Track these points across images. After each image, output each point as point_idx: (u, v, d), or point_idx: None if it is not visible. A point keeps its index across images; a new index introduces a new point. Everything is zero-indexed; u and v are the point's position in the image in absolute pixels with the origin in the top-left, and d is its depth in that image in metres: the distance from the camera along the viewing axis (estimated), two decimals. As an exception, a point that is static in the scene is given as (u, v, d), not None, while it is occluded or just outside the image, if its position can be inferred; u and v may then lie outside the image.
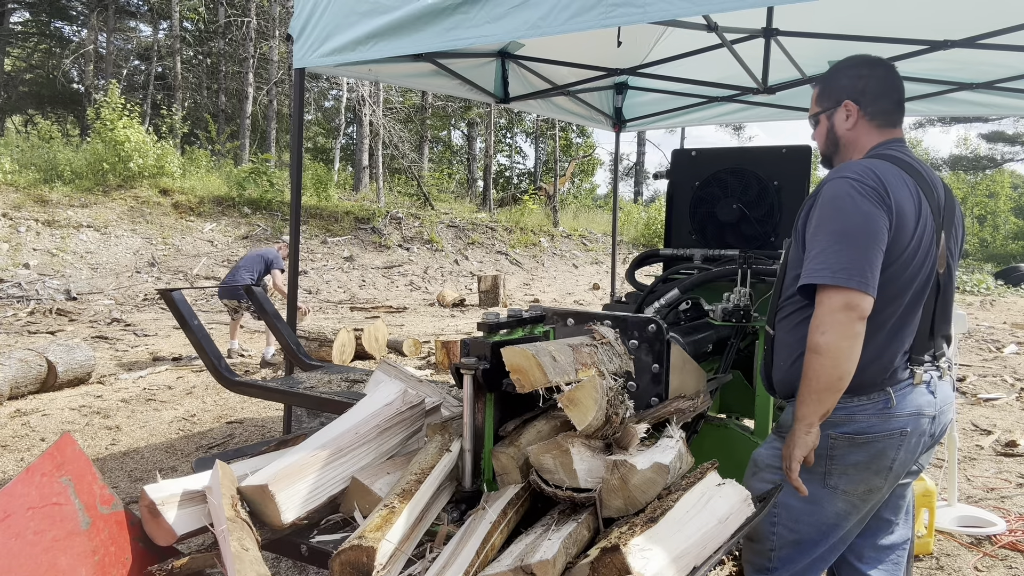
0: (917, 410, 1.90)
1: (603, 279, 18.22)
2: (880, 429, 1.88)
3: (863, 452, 1.89)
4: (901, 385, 1.90)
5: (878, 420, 1.88)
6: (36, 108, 25.33)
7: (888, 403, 1.88)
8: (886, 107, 2.04)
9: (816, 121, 2.15)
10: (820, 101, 2.11)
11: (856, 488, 1.93)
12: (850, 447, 1.90)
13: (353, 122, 24.65)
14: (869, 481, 1.92)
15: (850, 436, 1.89)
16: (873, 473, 1.91)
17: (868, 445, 1.89)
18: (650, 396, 2.11)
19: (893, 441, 1.89)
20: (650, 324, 2.09)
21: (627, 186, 37.16)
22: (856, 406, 1.89)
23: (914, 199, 1.87)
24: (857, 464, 1.90)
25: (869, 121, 2.04)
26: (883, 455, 1.89)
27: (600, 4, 2.63)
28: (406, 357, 8.05)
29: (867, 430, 1.88)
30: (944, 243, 1.96)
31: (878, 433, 1.88)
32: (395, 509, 1.75)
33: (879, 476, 1.92)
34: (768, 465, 2.02)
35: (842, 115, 2.06)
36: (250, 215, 16.55)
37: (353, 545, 1.63)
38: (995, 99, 5.11)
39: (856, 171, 1.86)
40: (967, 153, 41.71)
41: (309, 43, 3.71)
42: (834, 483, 1.92)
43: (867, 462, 1.90)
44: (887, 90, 2.05)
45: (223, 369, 3.23)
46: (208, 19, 24.89)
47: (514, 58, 5.23)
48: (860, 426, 1.89)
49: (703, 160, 3.60)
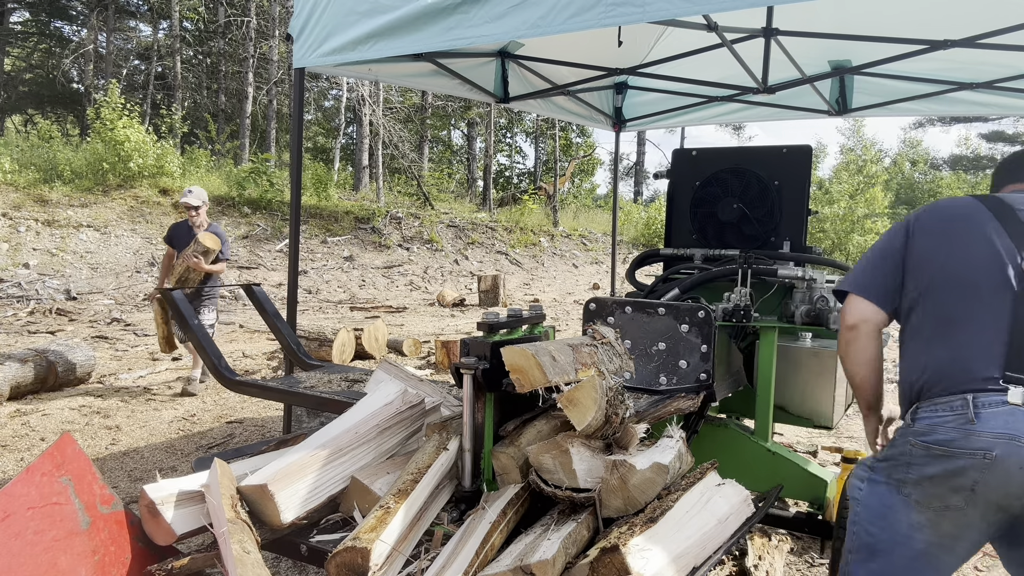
0: (1009, 433, 1.72)
1: (603, 279, 18.21)
2: (961, 445, 1.77)
3: (939, 465, 1.79)
4: (990, 399, 1.77)
5: (959, 435, 1.77)
6: (36, 108, 25.32)
7: (967, 415, 1.77)
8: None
9: None
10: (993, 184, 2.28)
11: (931, 502, 1.82)
12: (927, 457, 1.81)
13: (353, 122, 24.64)
14: (946, 498, 1.80)
15: (928, 446, 1.81)
16: (950, 490, 1.79)
17: (946, 459, 1.78)
18: (699, 373, 2.34)
19: (975, 462, 1.74)
20: (700, 310, 2.34)
21: (627, 186, 37.18)
22: (938, 419, 1.82)
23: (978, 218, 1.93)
24: (933, 477, 1.80)
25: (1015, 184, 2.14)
26: (962, 474, 1.77)
27: (600, 4, 2.63)
28: (406, 357, 8.05)
29: (946, 443, 1.79)
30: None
31: (958, 449, 1.77)
32: (390, 509, 1.75)
33: (958, 495, 1.79)
34: (862, 463, 2.00)
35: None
36: (250, 215, 16.55)
37: (348, 547, 1.63)
38: (995, 99, 5.11)
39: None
40: (967, 153, 41.70)
41: (309, 43, 3.71)
42: (908, 492, 1.84)
43: (944, 477, 1.79)
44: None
45: (223, 368, 3.23)
46: (208, 19, 24.88)
47: (514, 58, 5.23)
48: (939, 438, 1.80)
49: (703, 160, 3.60)
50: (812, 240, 15.51)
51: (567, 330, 10.19)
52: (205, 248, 5.91)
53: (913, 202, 37.86)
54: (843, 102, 5.46)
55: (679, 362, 2.34)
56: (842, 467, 3.48)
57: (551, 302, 14.09)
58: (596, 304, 2.47)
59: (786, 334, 3.06)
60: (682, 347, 2.35)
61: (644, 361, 2.37)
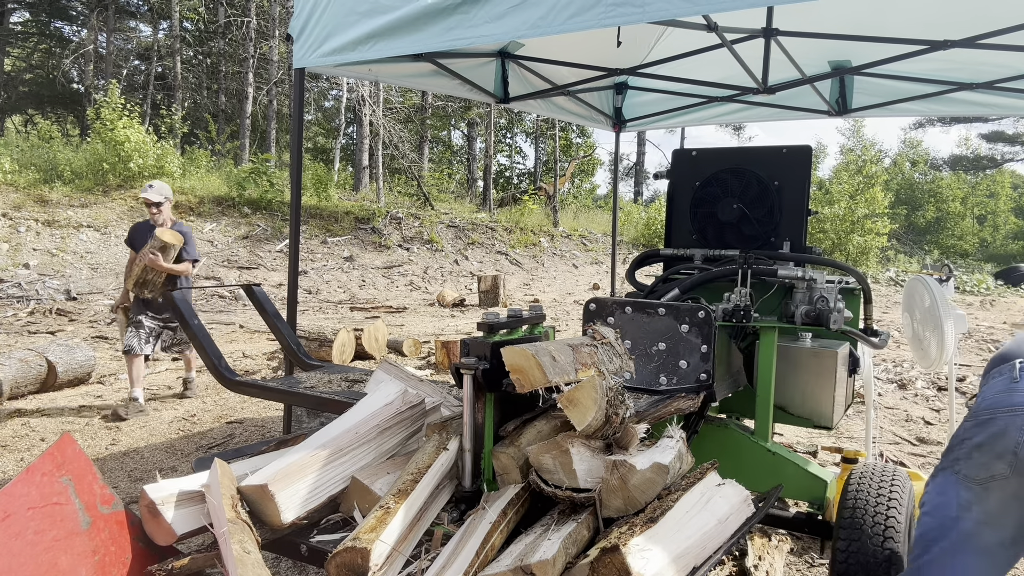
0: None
1: (603, 279, 18.22)
2: (1002, 403, 1.80)
3: (985, 431, 1.81)
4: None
5: (1003, 396, 1.82)
6: (36, 108, 25.32)
7: (1013, 375, 1.82)
8: None
9: None
10: None
11: (977, 473, 1.80)
12: (975, 427, 1.84)
13: (353, 122, 24.65)
14: (991, 466, 1.78)
15: (976, 414, 1.85)
16: (995, 456, 1.78)
17: (990, 423, 1.81)
18: (699, 373, 2.34)
19: (1016, 420, 1.76)
20: (700, 311, 2.35)
21: (627, 186, 37.20)
22: (988, 387, 1.88)
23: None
24: (980, 446, 1.81)
25: None
26: (1004, 435, 1.77)
27: (600, 4, 2.63)
28: (406, 357, 8.05)
29: (990, 407, 1.82)
30: None
31: (999, 408, 1.80)
32: (390, 510, 1.75)
33: (1002, 460, 1.77)
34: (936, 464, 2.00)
35: None
36: (250, 215, 16.55)
37: (348, 547, 1.63)
38: (995, 99, 5.11)
39: None
40: (967, 153, 41.73)
41: (309, 43, 3.71)
42: (959, 468, 1.84)
43: (988, 442, 1.80)
44: None
45: (223, 368, 3.23)
46: (208, 19, 24.89)
47: (514, 58, 5.23)
48: (985, 404, 1.84)
49: (703, 160, 3.60)
50: (812, 240, 15.51)
51: (567, 330, 10.19)
52: (163, 243, 5.27)
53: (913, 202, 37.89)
54: (843, 102, 5.46)
55: (679, 362, 2.34)
56: (842, 467, 3.49)
57: (551, 302, 14.09)
58: (596, 304, 2.47)
59: (786, 334, 3.06)
60: (682, 347, 2.35)
61: (644, 361, 2.37)
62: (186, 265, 5.50)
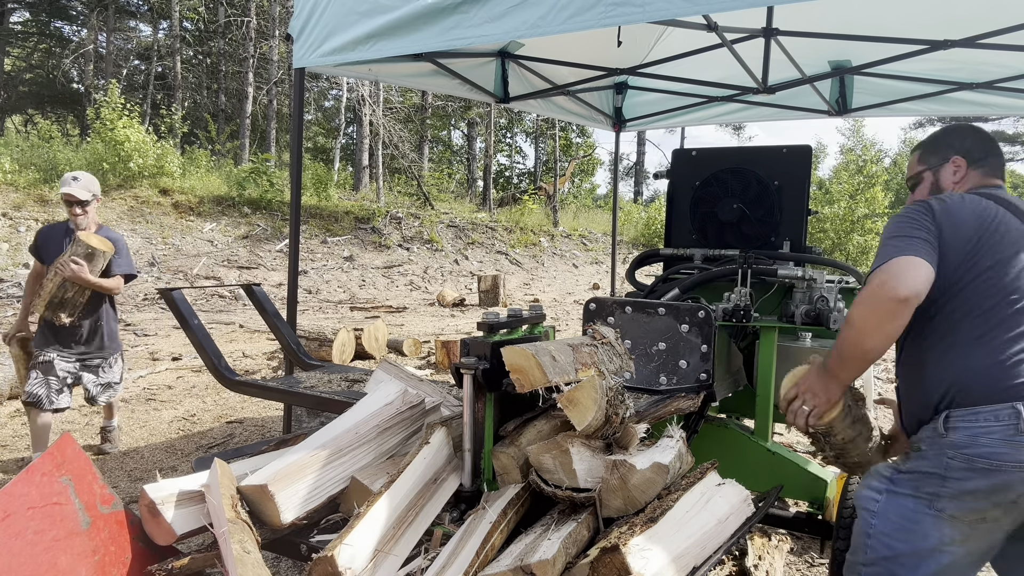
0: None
1: (603, 279, 18.21)
2: (1009, 459, 1.69)
3: (983, 480, 1.71)
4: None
5: (1008, 448, 1.69)
6: (36, 108, 25.32)
7: (1019, 426, 1.69)
8: (991, 161, 2.12)
9: (919, 180, 2.20)
10: (924, 161, 2.19)
11: (968, 516, 1.76)
12: (969, 472, 1.72)
13: (353, 122, 24.65)
14: (985, 512, 1.75)
15: (971, 459, 1.72)
16: (992, 504, 1.73)
17: (991, 473, 1.70)
18: (699, 372, 2.33)
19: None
20: (700, 310, 2.35)
21: (627, 186, 37.20)
22: (981, 428, 1.72)
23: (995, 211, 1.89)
24: (975, 492, 1.73)
25: (975, 171, 2.11)
26: (1008, 488, 1.70)
27: (600, 4, 2.63)
28: (406, 357, 8.04)
29: (992, 456, 1.70)
30: None
31: (1006, 463, 1.69)
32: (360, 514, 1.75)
33: (999, 508, 1.74)
34: (878, 473, 1.91)
35: (950, 170, 2.12)
36: (250, 215, 16.55)
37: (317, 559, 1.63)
38: (995, 99, 5.11)
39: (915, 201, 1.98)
40: (967, 153, 41.68)
41: (309, 43, 3.71)
42: (942, 506, 1.76)
43: (987, 492, 1.72)
44: (990, 147, 2.14)
45: (223, 368, 3.23)
46: (208, 19, 24.88)
47: (514, 58, 5.23)
48: (984, 451, 1.71)
49: (703, 160, 3.60)
50: (812, 240, 15.50)
51: (567, 330, 10.19)
52: (89, 249, 3.97)
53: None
54: (843, 102, 5.46)
55: (679, 362, 2.34)
56: (842, 467, 3.49)
57: (551, 302, 14.08)
58: (596, 304, 2.47)
59: (786, 334, 3.06)
60: (682, 347, 2.35)
61: (644, 361, 2.37)
62: (117, 280, 4.17)
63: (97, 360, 4.33)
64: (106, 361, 4.39)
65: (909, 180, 2.23)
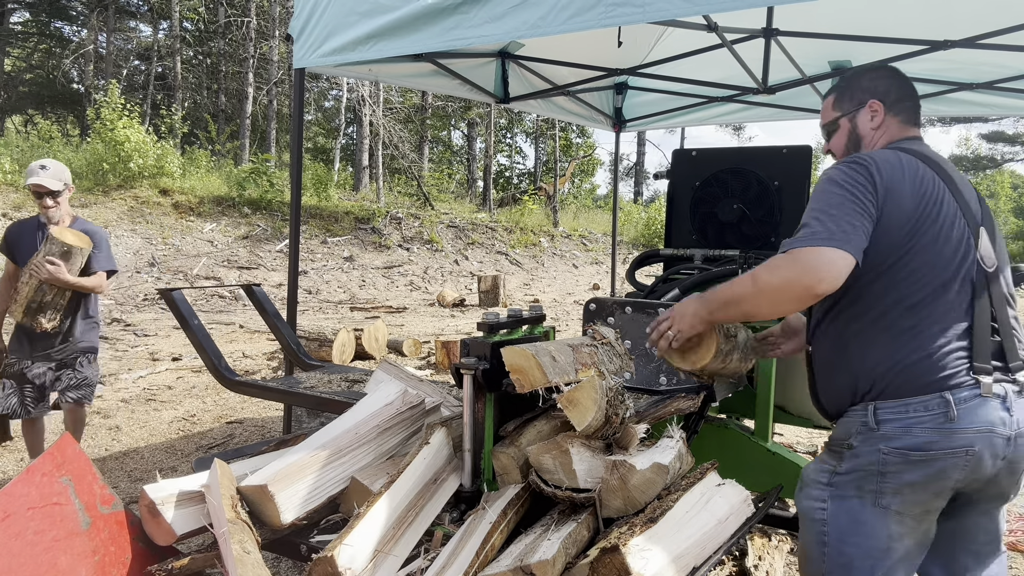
0: (988, 427, 1.69)
1: (603, 279, 18.21)
2: (942, 446, 1.69)
3: (920, 471, 1.72)
4: (964, 394, 1.70)
5: (939, 436, 1.69)
6: (36, 108, 25.33)
7: (948, 414, 1.69)
8: (908, 105, 2.04)
9: (835, 127, 2.10)
10: (839, 106, 2.09)
11: (911, 509, 1.76)
12: (905, 464, 1.72)
13: (353, 122, 24.65)
14: (927, 503, 1.76)
15: (905, 452, 1.72)
16: (932, 495, 1.75)
17: (926, 464, 1.70)
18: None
19: (957, 460, 1.69)
20: None
21: (627, 186, 37.19)
22: (912, 419, 1.72)
23: (934, 187, 1.80)
24: (913, 484, 1.73)
25: (894, 117, 2.02)
26: (944, 475, 1.71)
27: (600, 4, 2.63)
28: (406, 357, 8.04)
29: (925, 447, 1.70)
30: (987, 240, 1.84)
31: (939, 451, 1.69)
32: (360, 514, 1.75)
33: (940, 498, 1.76)
34: (814, 481, 1.90)
35: (867, 115, 2.04)
36: (250, 215, 16.55)
37: (317, 559, 1.63)
38: (995, 99, 5.11)
39: (852, 157, 1.84)
40: (967, 153, 41.72)
41: (309, 43, 3.71)
42: (887, 503, 1.76)
43: (924, 482, 1.72)
44: (907, 90, 2.06)
45: (223, 368, 3.23)
46: (208, 19, 24.89)
47: (514, 58, 5.23)
48: (917, 441, 1.71)
49: (703, 160, 3.60)
50: (812, 240, 15.45)
51: (567, 330, 10.19)
52: (65, 247, 3.64)
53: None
54: (843, 102, 5.45)
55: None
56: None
57: (551, 302, 14.08)
58: (596, 304, 2.47)
59: (786, 334, 3.06)
60: None
61: (644, 361, 2.36)
62: (99, 278, 3.84)
63: (74, 355, 3.93)
64: (84, 356, 3.97)
65: (825, 128, 2.13)
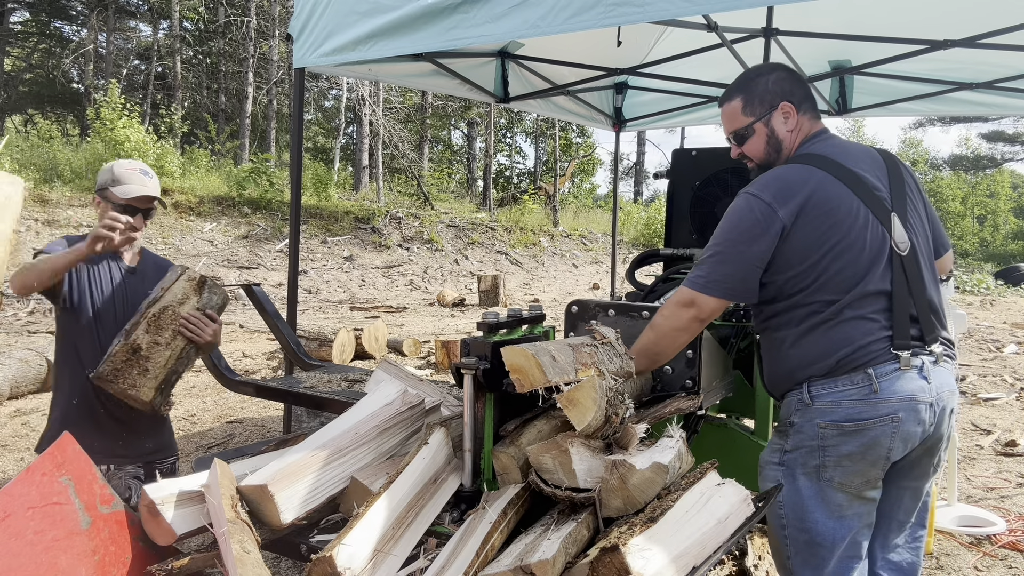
0: (910, 395, 1.85)
1: (603, 279, 18.21)
2: (869, 415, 1.85)
3: (855, 441, 1.86)
4: (886, 370, 1.87)
5: (865, 406, 1.85)
6: (36, 108, 25.32)
7: (872, 387, 1.85)
8: (811, 102, 2.11)
9: (749, 132, 2.10)
10: (750, 111, 2.09)
11: (852, 480, 1.90)
12: (841, 436, 1.87)
13: (353, 122, 24.65)
14: (866, 473, 1.89)
15: (839, 424, 1.87)
16: (869, 464, 1.88)
17: (859, 433, 1.86)
18: (684, 379, 2.25)
19: (886, 428, 1.85)
20: None
21: (627, 186, 37.18)
22: (840, 392, 1.88)
23: (841, 194, 1.92)
24: (851, 455, 1.87)
25: (803, 115, 2.07)
26: (877, 444, 1.86)
27: (600, 4, 2.63)
28: (406, 357, 8.04)
29: (855, 417, 1.86)
30: (899, 224, 1.95)
31: (868, 420, 1.85)
32: (359, 515, 1.75)
33: (876, 467, 1.89)
34: (768, 462, 2.03)
35: (780, 118, 2.07)
36: (250, 215, 16.55)
37: (316, 559, 1.63)
38: (995, 99, 5.11)
39: (760, 184, 1.96)
40: (967, 153, 41.73)
41: (309, 43, 3.71)
42: (829, 475, 1.90)
43: (861, 452, 1.87)
44: (806, 86, 2.12)
45: (223, 368, 3.23)
46: (208, 19, 24.89)
47: (514, 58, 5.23)
48: (847, 412, 1.86)
49: (703, 160, 3.60)
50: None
51: (567, 330, 10.18)
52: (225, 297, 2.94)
53: (913, 202, 37.84)
54: (843, 102, 5.46)
55: (663, 367, 2.24)
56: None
57: (551, 302, 14.09)
58: (578, 307, 2.44)
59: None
60: None
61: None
62: None
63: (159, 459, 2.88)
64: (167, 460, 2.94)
65: (735, 134, 2.13)
